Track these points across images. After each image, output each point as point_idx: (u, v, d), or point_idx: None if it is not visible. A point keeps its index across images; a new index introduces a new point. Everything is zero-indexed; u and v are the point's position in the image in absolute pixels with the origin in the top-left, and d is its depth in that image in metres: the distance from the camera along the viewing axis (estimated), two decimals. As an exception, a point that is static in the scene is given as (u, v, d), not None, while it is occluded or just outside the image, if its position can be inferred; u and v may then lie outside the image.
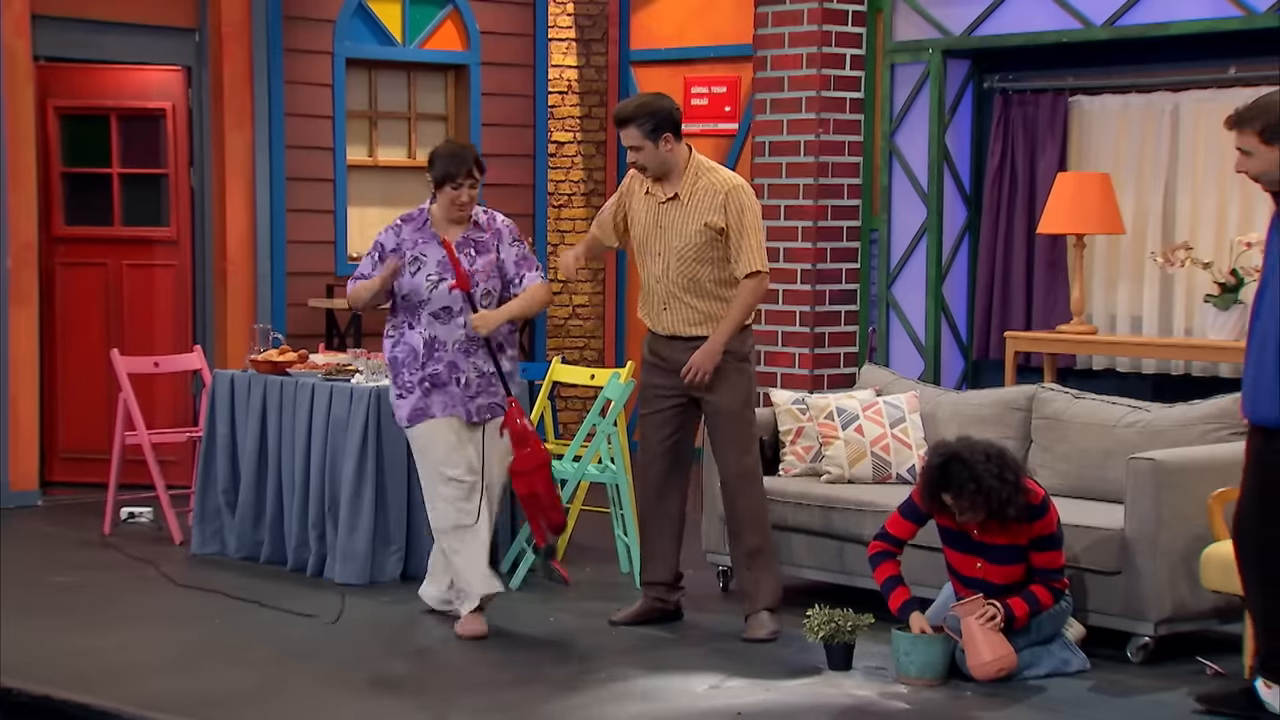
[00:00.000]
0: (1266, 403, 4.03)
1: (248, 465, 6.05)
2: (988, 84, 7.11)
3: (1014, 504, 4.43)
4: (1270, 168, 4.01)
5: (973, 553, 4.55)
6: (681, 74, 8.53)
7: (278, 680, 4.53)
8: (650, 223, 4.92)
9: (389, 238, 5.03)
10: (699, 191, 4.88)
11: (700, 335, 4.90)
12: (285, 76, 7.76)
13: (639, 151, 4.87)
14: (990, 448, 4.48)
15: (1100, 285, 6.85)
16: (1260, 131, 4.00)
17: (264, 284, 7.73)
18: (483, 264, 4.94)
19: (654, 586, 5.06)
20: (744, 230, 4.87)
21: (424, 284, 4.93)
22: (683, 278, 4.88)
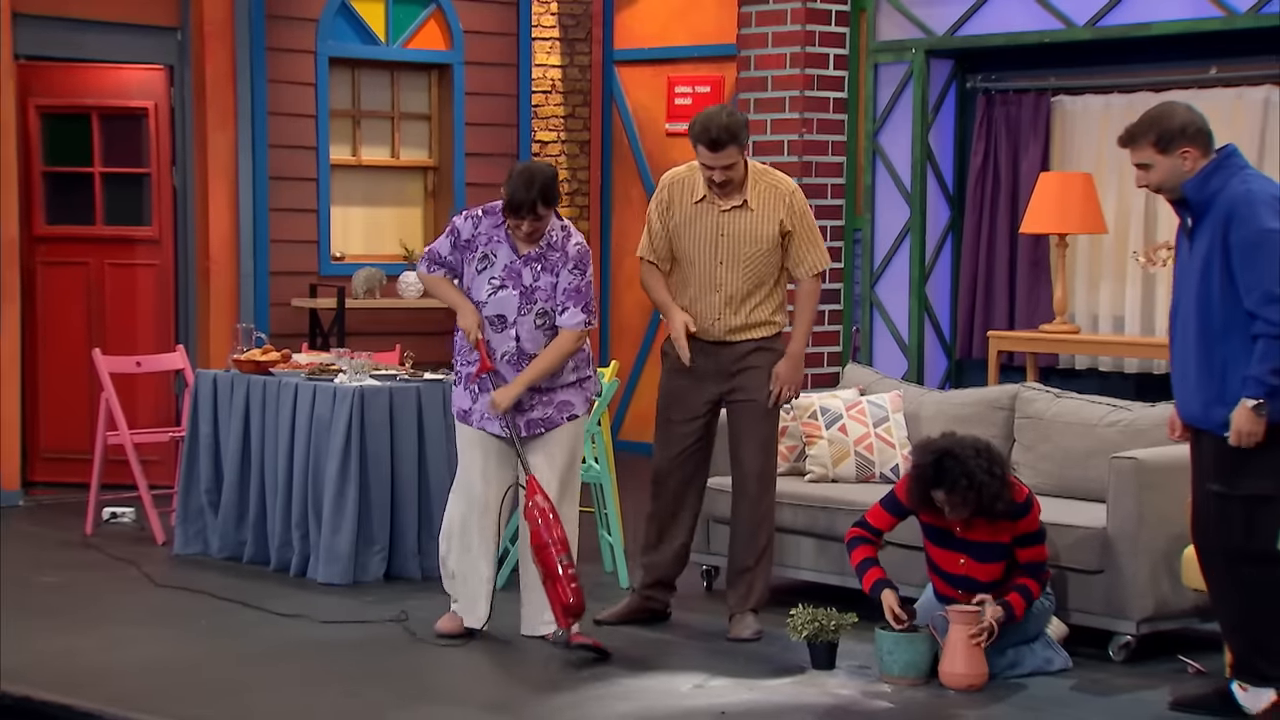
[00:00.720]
0: (1190, 400, 4.09)
1: (230, 465, 6.03)
2: (971, 84, 7.13)
3: (1002, 499, 4.46)
4: (1170, 175, 4.05)
5: (956, 549, 4.57)
6: (665, 73, 8.53)
7: (261, 681, 4.52)
8: (712, 231, 4.85)
9: (466, 227, 4.81)
10: (764, 195, 4.85)
11: (746, 339, 4.88)
12: (268, 75, 7.74)
13: (733, 169, 4.78)
14: (978, 443, 4.51)
15: (1083, 285, 6.87)
16: (1155, 143, 4.04)
17: (247, 283, 7.70)
18: (546, 283, 4.79)
19: (649, 586, 5.04)
20: (809, 229, 4.89)
21: (485, 286, 4.80)
22: (748, 283, 4.85)
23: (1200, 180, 4.03)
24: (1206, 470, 4.09)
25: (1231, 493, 4.01)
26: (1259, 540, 4.02)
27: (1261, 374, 3.91)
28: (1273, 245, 3.90)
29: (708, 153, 4.75)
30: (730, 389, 4.92)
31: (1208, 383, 4.02)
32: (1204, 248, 4.01)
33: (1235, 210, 3.95)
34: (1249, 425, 3.94)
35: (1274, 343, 3.90)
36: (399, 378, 5.90)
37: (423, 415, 5.75)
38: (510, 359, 4.83)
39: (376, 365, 6.03)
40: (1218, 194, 4.00)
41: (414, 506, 5.73)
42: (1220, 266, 3.97)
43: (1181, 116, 4.06)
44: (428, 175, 8.55)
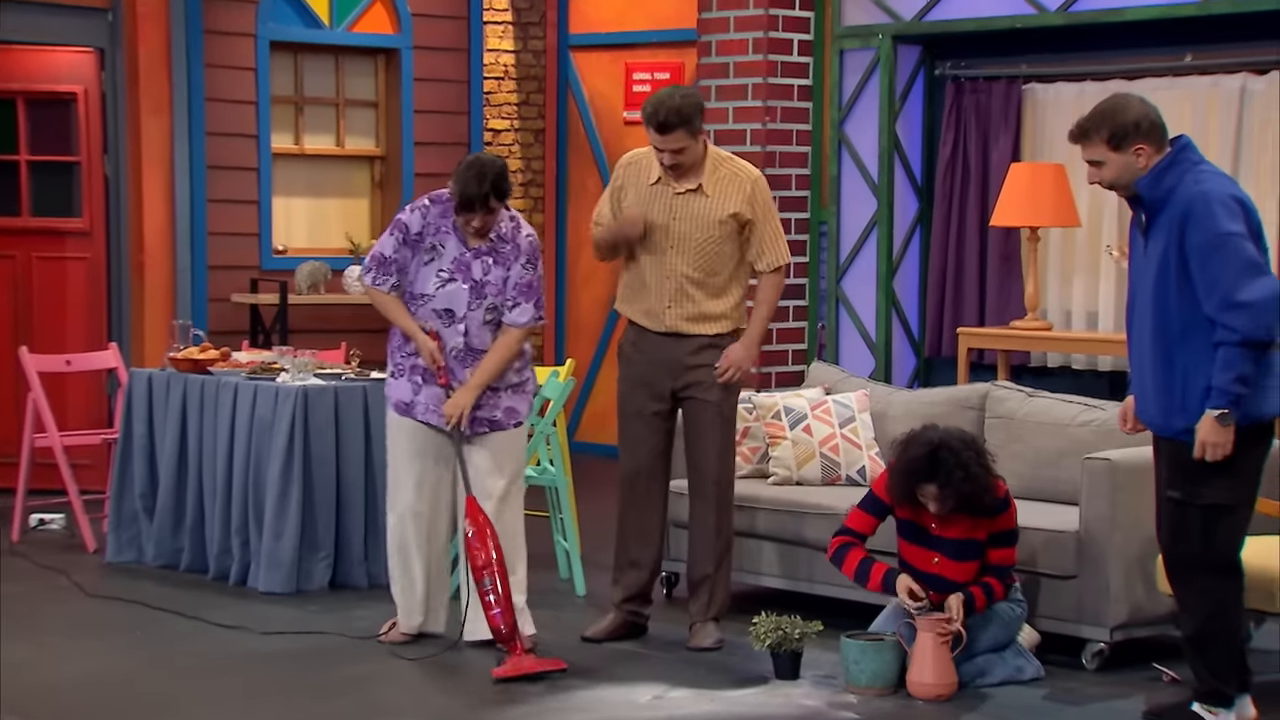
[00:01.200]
0: (1149, 407, 4.10)
1: (166, 469, 5.98)
2: (939, 71, 7.16)
3: (990, 492, 4.49)
4: (1123, 173, 4.05)
5: (930, 547, 4.59)
6: (623, 59, 8.52)
7: (199, 696, 4.48)
8: (665, 215, 4.86)
9: (414, 220, 4.80)
10: (722, 182, 4.86)
11: (701, 334, 4.88)
12: (205, 59, 7.68)
13: (683, 153, 4.79)
14: (964, 434, 4.56)
15: (1055, 280, 6.91)
16: (1108, 139, 4.03)
17: (184, 278, 7.65)
18: (496, 276, 4.80)
19: (630, 601, 5.02)
20: (770, 221, 4.91)
21: (433, 278, 4.80)
22: (699, 271, 4.86)
23: (1153, 178, 4.02)
24: (1165, 477, 4.10)
25: (1191, 502, 4.02)
26: (1217, 551, 4.03)
27: (1224, 383, 3.90)
28: (1231, 248, 3.89)
29: (656, 136, 4.77)
30: (683, 385, 4.92)
31: (1167, 390, 4.03)
32: (1159, 248, 4.02)
33: (1192, 211, 3.94)
34: (1215, 436, 3.93)
35: (1235, 350, 3.89)
36: (344, 377, 5.87)
37: (369, 416, 5.72)
38: (458, 354, 4.83)
39: (321, 364, 5.99)
40: (1172, 191, 4.00)
41: (360, 511, 5.70)
42: (1177, 269, 3.97)
43: (1135, 111, 4.05)
44: (374, 165, 8.50)
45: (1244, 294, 3.87)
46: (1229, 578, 4.06)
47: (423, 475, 4.86)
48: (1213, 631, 4.06)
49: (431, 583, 4.94)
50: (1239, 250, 3.90)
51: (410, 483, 4.87)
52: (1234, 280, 3.89)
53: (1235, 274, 3.89)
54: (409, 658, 4.82)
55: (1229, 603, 4.06)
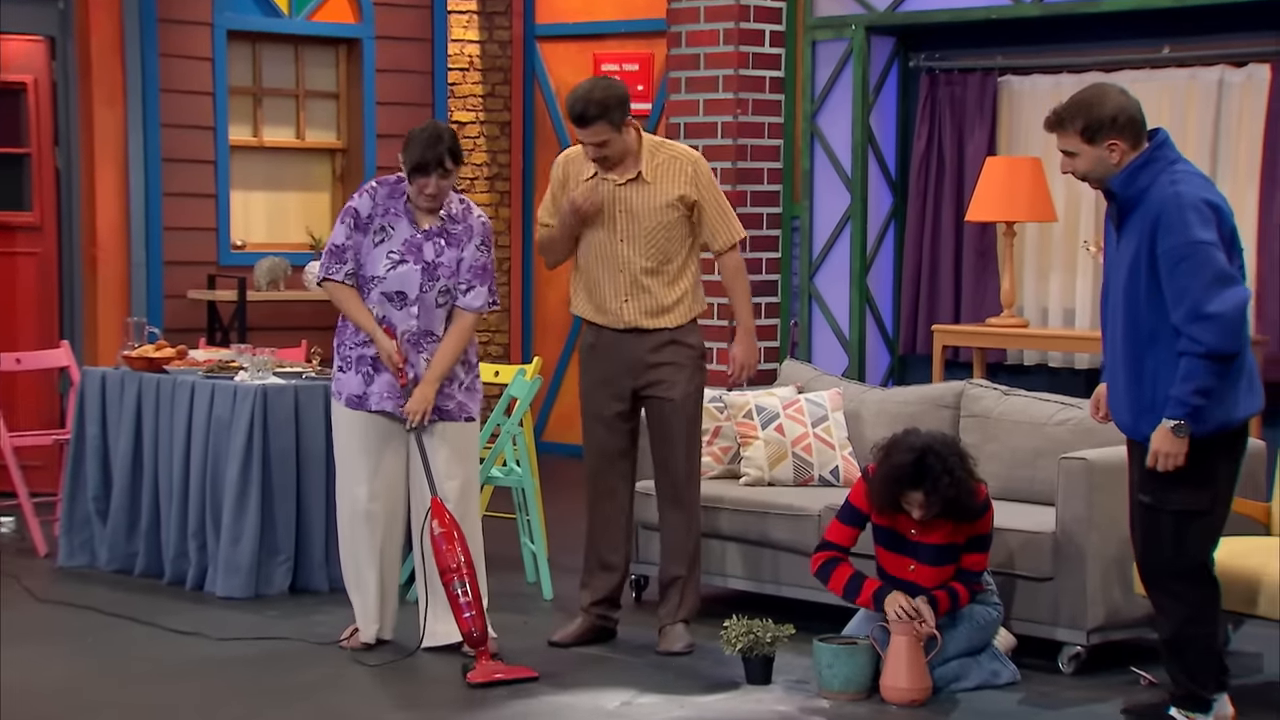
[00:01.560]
0: (1120, 408, 4.12)
1: (121, 470, 5.95)
2: (914, 63, 7.19)
3: (973, 496, 4.52)
4: (1096, 166, 4.05)
5: (906, 554, 4.61)
6: (590, 50, 8.52)
7: (154, 703, 4.46)
8: (608, 208, 4.87)
9: (364, 203, 4.82)
10: (661, 167, 4.89)
11: (661, 327, 4.89)
12: (160, 49, 7.64)
13: (606, 145, 4.81)
14: (946, 438, 4.58)
15: (1031, 276, 6.95)
16: (1081, 131, 4.03)
17: (138, 274, 7.61)
18: (449, 258, 4.81)
19: (600, 604, 5.03)
20: (717, 200, 4.93)
21: (383, 260, 4.80)
22: (652, 260, 4.87)
23: (1128, 175, 4.02)
24: (1137, 480, 4.12)
25: (1161, 507, 4.04)
26: (1189, 556, 4.05)
27: (1184, 394, 3.91)
28: (1200, 258, 3.89)
29: (578, 129, 4.81)
30: (645, 384, 4.93)
31: (1137, 391, 4.04)
32: (1131, 248, 4.02)
33: (1164, 215, 3.93)
34: (1167, 446, 3.94)
35: (1198, 361, 3.89)
36: (305, 375, 5.85)
37: (330, 416, 5.69)
38: (410, 338, 4.84)
39: (280, 362, 5.97)
40: (1146, 191, 3.99)
41: (321, 514, 5.68)
42: (1147, 272, 3.97)
43: (1112, 104, 4.04)
44: (335, 158, 8.48)
45: (1212, 306, 3.88)
46: (1202, 583, 4.09)
47: (375, 472, 4.86)
48: (1188, 636, 4.08)
49: (386, 589, 4.93)
50: (1209, 260, 3.89)
51: (362, 480, 4.86)
52: (1203, 291, 3.88)
53: (1204, 284, 3.88)
54: (369, 664, 4.81)
55: (1204, 607, 4.08)
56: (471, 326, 4.86)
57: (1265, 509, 4.79)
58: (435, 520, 4.69)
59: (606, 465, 4.99)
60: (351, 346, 4.88)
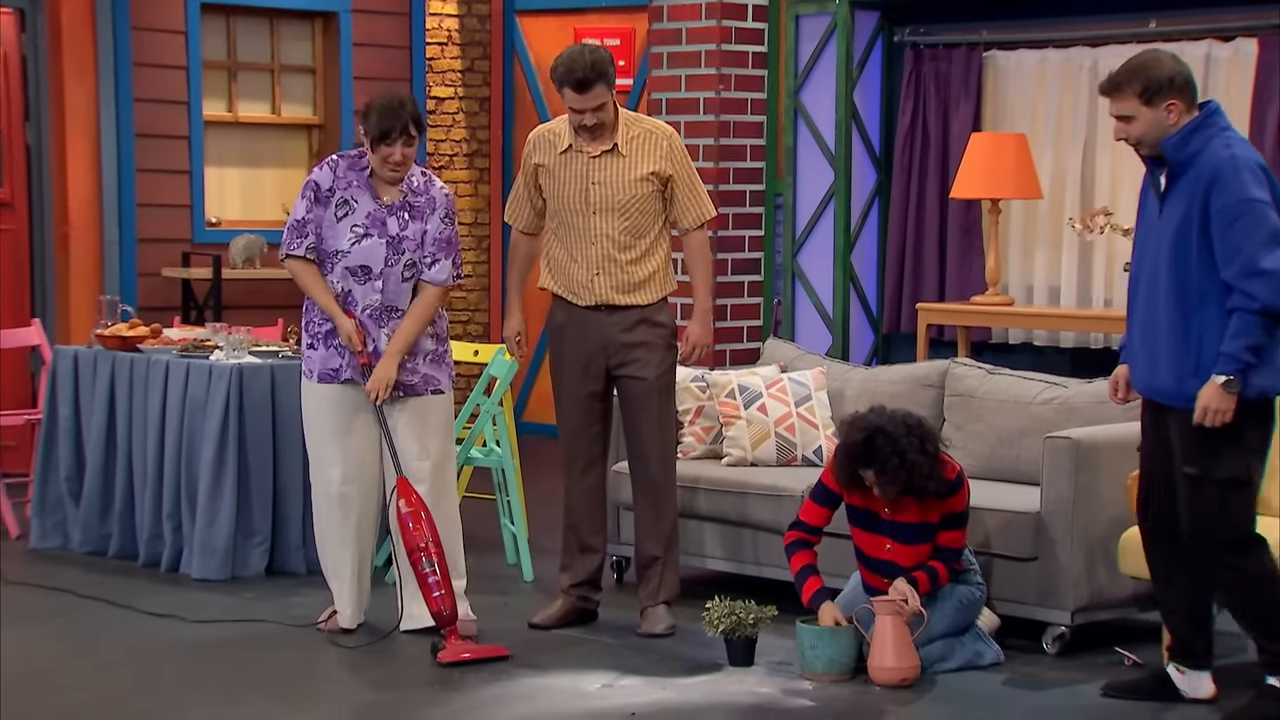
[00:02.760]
0: (1161, 375, 4.12)
1: (94, 451, 5.93)
2: (898, 37, 7.17)
3: (934, 478, 4.51)
4: (1153, 129, 4.08)
5: (882, 533, 4.61)
6: (571, 24, 8.48)
7: (128, 687, 4.45)
8: (581, 180, 4.87)
9: (324, 176, 4.80)
10: (637, 140, 4.88)
11: (633, 305, 4.89)
12: (132, 22, 7.59)
13: (602, 110, 4.81)
14: (909, 418, 4.55)
15: (1016, 253, 6.96)
16: (1140, 93, 4.07)
17: (111, 251, 7.57)
18: (414, 231, 4.79)
19: (580, 585, 5.02)
20: (691, 176, 4.94)
21: (347, 234, 4.78)
22: (625, 234, 4.87)
23: (1181, 138, 4.06)
24: (1179, 452, 4.11)
25: (1206, 476, 4.05)
26: (1233, 526, 4.07)
27: (1235, 350, 3.95)
28: (1255, 215, 3.94)
29: (575, 95, 4.79)
30: (618, 364, 4.93)
31: (1182, 355, 4.05)
32: (1180, 211, 4.05)
33: (1219, 176, 3.98)
34: (1217, 402, 3.97)
35: (1251, 317, 3.93)
36: (281, 355, 5.83)
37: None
38: (373, 313, 4.82)
39: (256, 341, 5.95)
40: (1198, 155, 4.03)
41: (298, 495, 5.67)
42: (1199, 233, 4.00)
43: (1169, 66, 4.09)
44: (312, 134, 8.44)
45: (1266, 262, 3.92)
46: (1253, 548, 4.10)
47: (345, 454, 4.84)
48: (1258, 600, 4.10)
49: (362, 572, 4.92)
50: (1264, 217, 3.95)
51: (335, 462, 4.84)
52: (1257, 248, 3.93)
53: (1259, 241, 3.93)
54: (346, 646, 4.80)
55: (1262, 568, 4.10)
56: (436, 299, 4.84)
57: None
58: (401, 499, 4.68)
59: (584, 446, 4.98)
60: (319, 323, 4.87)
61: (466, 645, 4.60)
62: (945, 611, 4.62)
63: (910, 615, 4.48)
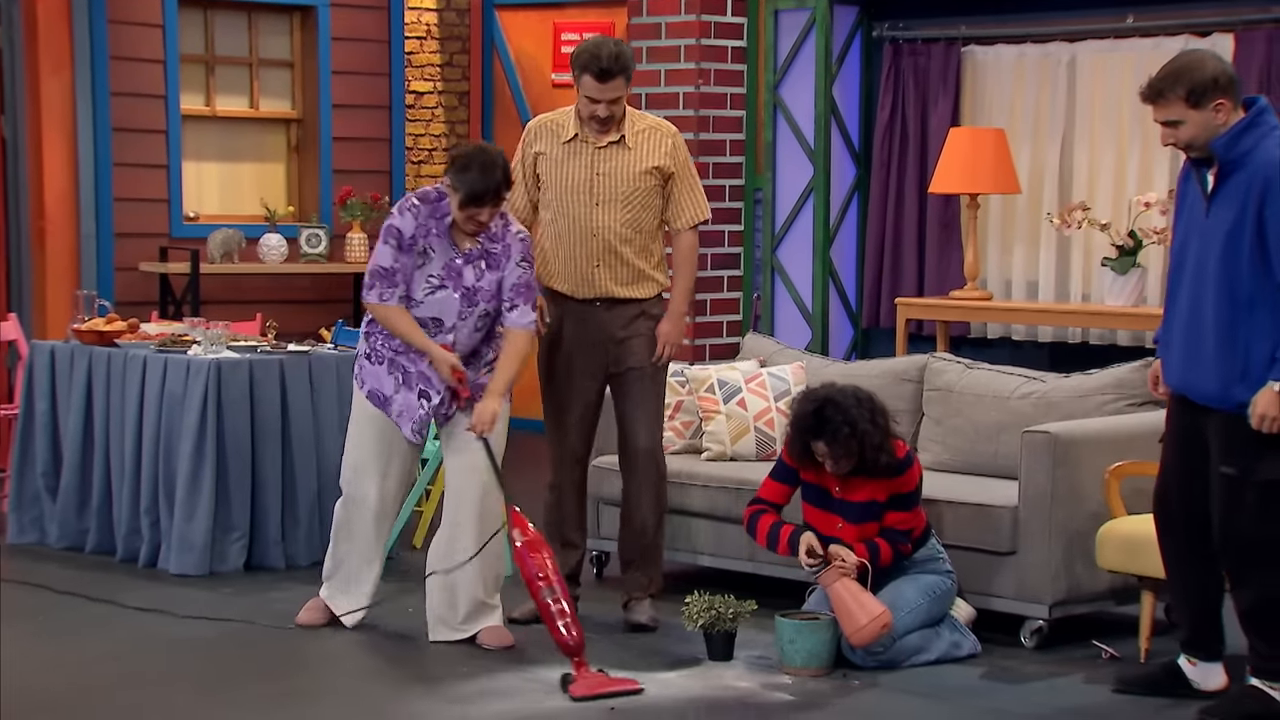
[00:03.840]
0: (1205, 378, 4.08)
1: (71, 446, 5.91)
2: (877, 32, 7.18)
3: (885, 449, 4.53)
4: (1202, 131, 4.00)
5: (833, 511, 4.63)
6: (551, 19, 8.48)
7: (107, 683, 4.43)
8: (586, 170, 4.85)
9: (407, 223, 4.63)
10: (643, 135, 4.88)
11: (632, 298, 4.88)
12: (108, 15, 7.56)
13: (617, 103, 4.81)
14: (860, 392, 4.58)
15: (995, 248, 6.98)
16: (1186, 96, 3.99)
17: (88, 245, 7.54)
18: (489, 281, 4.69)
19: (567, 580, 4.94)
20: (691, 177, 4.94)
21: (421, 284, 4.68)
22: (627, 227, 4.85)
23: (1231, 138, 3.98)
24: (1217, 452, 4.09)
25: (1246, 478, 4.03)
26: (1272, 526, 4.05)
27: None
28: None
29: (595, 84, 4.76)
30: (616, 359, 4.92)
31: (1229, 360, 4.00)
32: (1231, 214, 3.97)
33: (1274, 179, 3.90)
34: (1275, 409, 3.92)
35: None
36: (260, 349, 5.81)
37: (286, 390, 5.68)
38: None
39: (235, 336, 5.94)
40: (1249, 155, 3.96)
41: (277, 490, 5.66)
42: (1251, 236, 3.93)
43: (1212, 66, 4.00)
44: (290, 128, 8.41)
45: None
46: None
47: (387, 471, 4.80)
48: (1270, 604, 4.08)
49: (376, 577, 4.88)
50: None
51: (374, 478, 4.79)
52: None
53: None
54: (329, 641, 4.79)
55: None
56: (527, 344, 4.72)
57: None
58: (517, 529, 4.56)
59: (577, 441, 4.97)
60: (385, 344, 4.76)
61: (601, 678, 4.40)
62: (917, 603, 4.63)
63: (854, 571, 4.49)
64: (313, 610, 4.94)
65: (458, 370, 4.68)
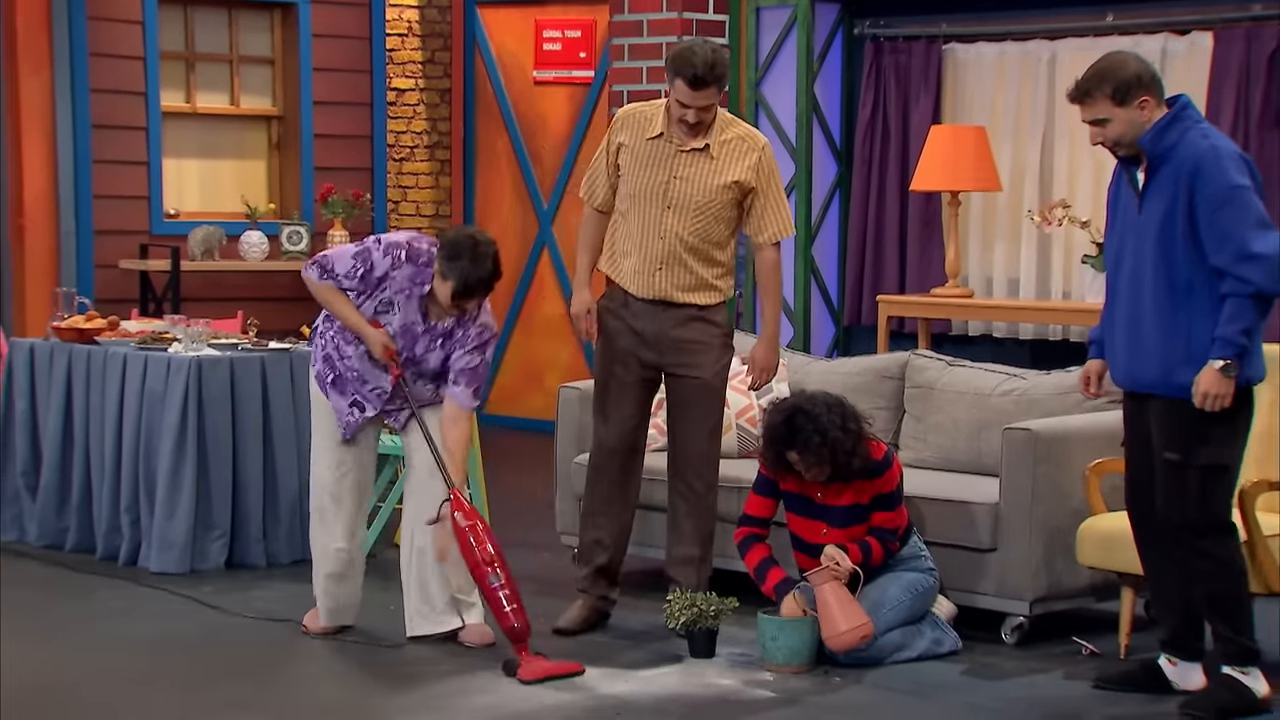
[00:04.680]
0: (1147, 366, 4.13)
1: (51, 444, 5.88)
2: (858, 30, 7.19)
3: (858, 455, 4.52)
4: (1129, 128, 4.09)
5: (817, 518, 4.63)
6: (533, 16, 8.46)
7: (85, 683, 4.41)
8: (664, 172, 4.73)
9: (382, 264, 4.58)
10: (729, 145, 4.75)
11: (690, 303, 4.78)
12: (88, 12, 7.53)
13: (708, 110, 4.69)
14: (829, 398, 4.58)
15: (976, 246, 6.99)
16: (1112, 94, 4.08)
17: (68, 243, 7.51)
18: (438, 358, 4.65)
19: (599, 585, 4.90)
20: (776, 191, 4.81)
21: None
22: (695, 236, 4.74)
23: (1157, 133, 4.08)
24: (1159, 438, 4.14)
25: (1189, 463, 4.08)
26: (1214, 512, 4.10)
27: (1231, 334, 3.97)
28: (1242, 201, 3.98)
29: (688, 90, 4.62)
30: (671, 363, 4.82)
31: (1172, 345, 4.07)
32: (1163, 205, 4.06)
33: (1201, 166, 4.01)
34: (1216, 387, 3.99)
35: (1245, 301, 3.96)
36: (241, 347, 5.79)
37: (267, 388, 5.65)
38: (381, 395, 4.73)
39: (215, 333, 5.91)
40: (1175, 147, 4.05)
41: (258, 488, 5.64)
42: (1184, 223, 4.02)
43: (1135, 65, 4.12)
44: (271, 125, 8.38)
45: (1257, 245, 3.95)
46: (1227, 537, 4.14)
47: (343, 456, 4.76)
48: (1224, 591, 4.13)
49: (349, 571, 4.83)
50: (1250, 203, 3.99)
51: (331, 465, 4.76)
52: (1246, 232, 3.96)
53: (1248, 225, 3.96)
54: (309, 640, 4.78)
55: (1233, 560, 4.14)
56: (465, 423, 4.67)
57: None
58: (457, 512, 4.53)
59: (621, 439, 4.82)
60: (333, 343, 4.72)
61: (544, 662, 4.43)
62: (899, 600, 4.64)
63: (846, 576, 4.50)
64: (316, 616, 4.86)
65: (389, 349, 4.66)
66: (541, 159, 8.52)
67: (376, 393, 4.71)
